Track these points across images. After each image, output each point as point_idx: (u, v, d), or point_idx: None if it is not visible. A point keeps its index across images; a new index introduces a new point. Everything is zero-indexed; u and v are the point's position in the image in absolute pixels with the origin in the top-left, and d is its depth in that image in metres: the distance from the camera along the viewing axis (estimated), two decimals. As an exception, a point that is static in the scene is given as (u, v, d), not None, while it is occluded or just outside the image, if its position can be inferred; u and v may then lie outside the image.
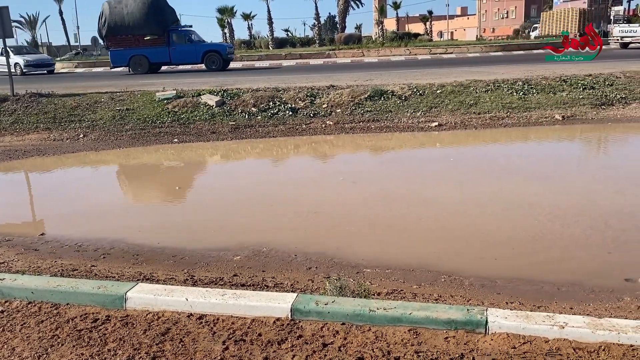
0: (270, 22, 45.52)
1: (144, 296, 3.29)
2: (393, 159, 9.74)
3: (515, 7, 69.59)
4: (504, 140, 10.67)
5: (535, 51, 28.93)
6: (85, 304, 3.34)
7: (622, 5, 49.70)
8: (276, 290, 3.86)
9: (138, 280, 4.01)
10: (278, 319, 2.98)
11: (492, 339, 2.65)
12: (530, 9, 67.69)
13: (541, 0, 66.91)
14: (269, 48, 43.37)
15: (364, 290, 3.33)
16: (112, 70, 23.93)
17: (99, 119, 12.09)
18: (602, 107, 11.97)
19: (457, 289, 4.03)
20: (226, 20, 46.69)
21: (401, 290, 3.93)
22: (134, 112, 12.32)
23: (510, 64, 18.64)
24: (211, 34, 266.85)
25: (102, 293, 3.33)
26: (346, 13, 47.01)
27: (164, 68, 24.42)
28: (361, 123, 11.65)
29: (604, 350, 2.53)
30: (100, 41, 23.84)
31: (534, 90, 12.70)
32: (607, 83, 13.05)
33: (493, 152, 9.86)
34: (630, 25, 30.28)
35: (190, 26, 25.04)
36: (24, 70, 25.60)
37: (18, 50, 27.80)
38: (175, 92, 12.95)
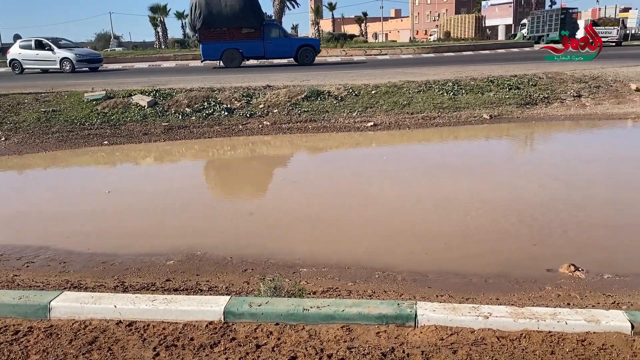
0: (204, 21, 44.76)
1: (70, 305, 3.15)
2: (331, 158, 9.83)
3: (446, 10, 71.95)
4: (436, 139, 11.00)
5: (464, 53, 30.04)
6: (5, 316, 3.15)
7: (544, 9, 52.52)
8: (211, 294, 3.80)
9: (64, 288, 3.84)
10: (211, 323, 2.94)
11: (421, 332, 2.73)
12: (460, 11, 70.18)
13: (471, 3, 69.61)
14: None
15: (299, 290, 3.34)
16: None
17: (22, 121, 11.45)
18: (527, 106, 12.58)
19: (390, 284, 4.12)
20: (159, 19, 45.61)
21: (336, 288, 3.98)
22: (60, 114, 11.76)
23: (441, 65, 19.25)
24: (143, 32, 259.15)
25: (24, 303, 3.16)
26: (282, 13, 46.74)
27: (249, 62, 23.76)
28: (298, 123, 11.68)
29: (525, 337, 2.66)
30: (192, 34, 22.90)
31: (464, 91, 13.17)
32: (531, 83, 13.72)
33: (426, 151, 10.15)
34: (606, 28, 35.81)
35: (275, 19, 24.43)
36: (76, 67, 21.91)
37: (56, 43, 22.61)
38: (105, 92, 12.48)
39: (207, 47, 21.87)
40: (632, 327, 2.67)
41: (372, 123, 11.55)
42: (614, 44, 33.37)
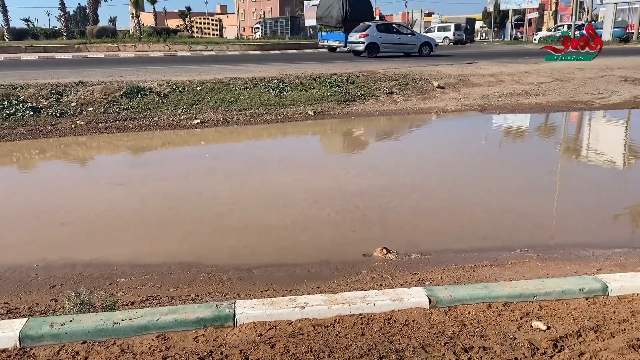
0: (4, 10, 39.73)
1: None
2: (158, 158, 9.36)
3: (271, 8, 73.44)
4: (265, 135, 11.15)
5: (289, 51, 30.93)
6: None
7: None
8: (10, 317, 3.36)
9: None
10: (4, 351, 2.57)
11: (240, 331, 2.70)
12: (284, 10, 72.14)
13: (294, 2, 71.94)
14: (4, 39, 37.88)
15: (112, 303, 3.10)
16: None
17: None
18: (347, 103, 13.34)
19: (215, 285, 4.04)
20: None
21: (157, 295, 3.78)
22: None
23: (267, 63, 19.55)
24: None
25: None
26: (98, 4, 43.57)
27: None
28: (117, 122, 10.94)
29: (338, 322, 2.79)
30: (328, 25, 29.48)
31: (289, 88, 13.53)
32: (349, 81, 14.57)
33: (255, 147, 10.21)
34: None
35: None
36: (433, 51, 25.18)
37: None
38: None
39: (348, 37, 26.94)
40: (430, 301, 2.96)
41: (198, 120, 11.29)
42: None
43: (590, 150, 9.87)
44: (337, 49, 28.65)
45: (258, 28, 57.88)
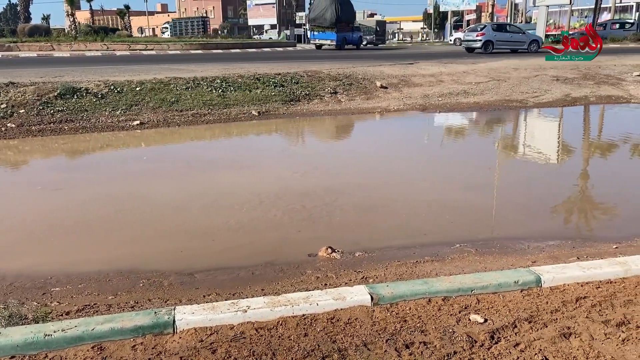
0: None
1: None
2: (96, 161, 9.00)
3: (214, 7, 72.45)
4: (208, 136, 10.97)
5: (232, 50, 30.60)
6: None
7: (304, 12, 56.97)
8: None
9: None
10: None
11: (180, 337, 2.64)
12: (227, 10, 71.39)
13: (237, 1, 71.29)
14: None
15: (44, 313, 2.96)
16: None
17: None
18: (291, 102, 13.31)
19: (155, 291, 3.93)
20: None
21: (95, 304, 3.63)
22: None
23: (208, 62, 19.25)
24: None
25: None
26: (29, 1, 41.56)
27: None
28: (52, 124, 10.47)
29: (281, 324, 2.77)
30: (331, 24, 33.04)
31: (232, 88, 13.36)
32: (293, 81, 14.54)
33: (198, 148, 10.03)
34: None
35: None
36: (540, 48, 26.94)
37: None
38: None
39: (339, 35, 32.79)
40: (372, 299, 2.99)
41: (138, 121, 10.98)
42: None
43: (526, 146, 10.29)
44: (323, 47, 33.81)
45: (167, 28, 56.86)
